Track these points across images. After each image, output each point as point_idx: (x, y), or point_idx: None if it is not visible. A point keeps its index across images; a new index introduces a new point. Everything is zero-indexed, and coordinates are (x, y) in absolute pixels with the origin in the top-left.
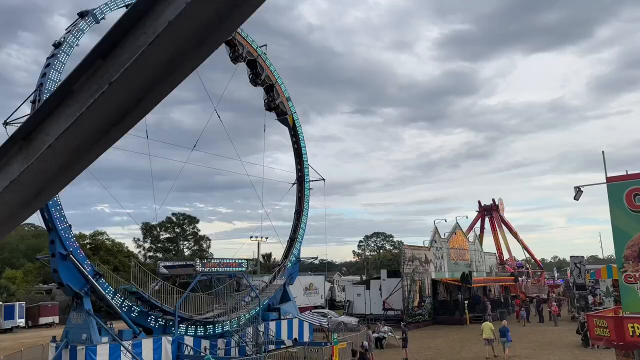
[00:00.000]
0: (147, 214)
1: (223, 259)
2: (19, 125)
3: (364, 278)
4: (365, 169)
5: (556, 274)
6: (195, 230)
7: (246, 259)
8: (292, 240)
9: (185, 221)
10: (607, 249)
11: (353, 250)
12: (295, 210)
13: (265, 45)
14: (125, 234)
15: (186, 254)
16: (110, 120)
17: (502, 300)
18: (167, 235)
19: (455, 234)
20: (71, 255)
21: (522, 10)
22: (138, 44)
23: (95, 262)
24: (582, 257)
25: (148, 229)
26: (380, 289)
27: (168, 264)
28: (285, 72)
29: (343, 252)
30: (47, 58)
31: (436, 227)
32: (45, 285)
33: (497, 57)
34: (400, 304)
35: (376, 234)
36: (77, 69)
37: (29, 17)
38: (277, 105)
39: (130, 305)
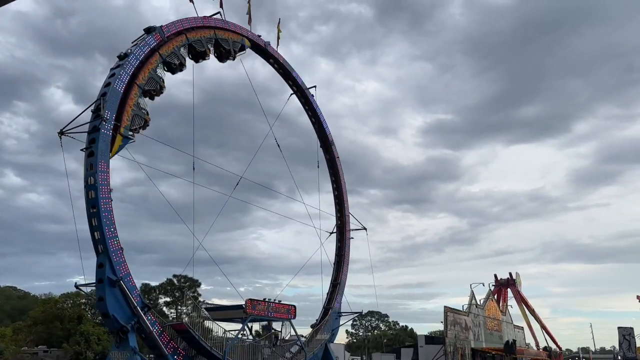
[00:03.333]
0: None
1: (272, 301)
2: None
3: (364, 358)
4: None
5: (581, 354)
6: (196, 294)
7: (294, 305)
8: (334, 287)
9: (187, 284)
10: (600, 341)
11: (347, 330)
12: (335, 261)
13: (315, 86)
14: None
15: (185, 320)
16: None
17: None
18: (166, 299)
19: (491, 301)
20: (121, 282)
21: (502, 104)
22: None
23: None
24: (632, 328)
25: (147, 291)
26: (414, 358)
27: (211, 306)
28: (275, 149)
29: None
30: (111, 69)
31: (473, 292)
32: (35, 348)
33: (478, 146)
34: None
35: (370, 313)
36: None
37: (26, 87)
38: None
39: (176, 348)
